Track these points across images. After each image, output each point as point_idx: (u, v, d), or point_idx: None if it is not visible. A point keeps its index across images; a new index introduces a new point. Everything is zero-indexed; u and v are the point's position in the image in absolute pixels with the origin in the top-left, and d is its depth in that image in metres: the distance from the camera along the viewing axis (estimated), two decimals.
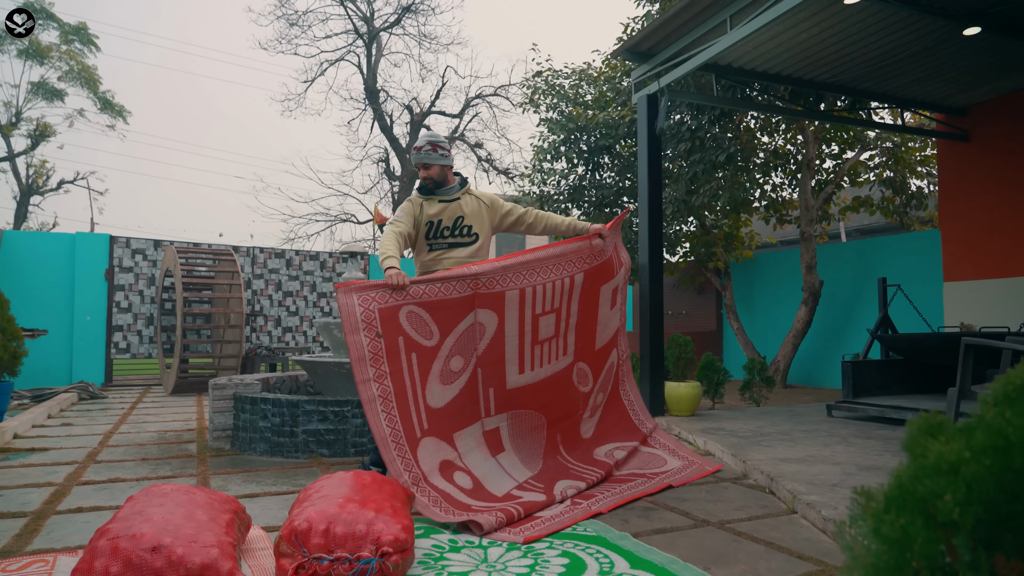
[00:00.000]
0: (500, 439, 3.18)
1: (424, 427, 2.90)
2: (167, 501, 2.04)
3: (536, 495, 2.88)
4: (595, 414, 3.60)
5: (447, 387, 3.02)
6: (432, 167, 3.33)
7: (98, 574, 1.73)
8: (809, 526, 2.63)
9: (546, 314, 3.25)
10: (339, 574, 1.91)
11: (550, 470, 3.20)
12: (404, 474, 2.75)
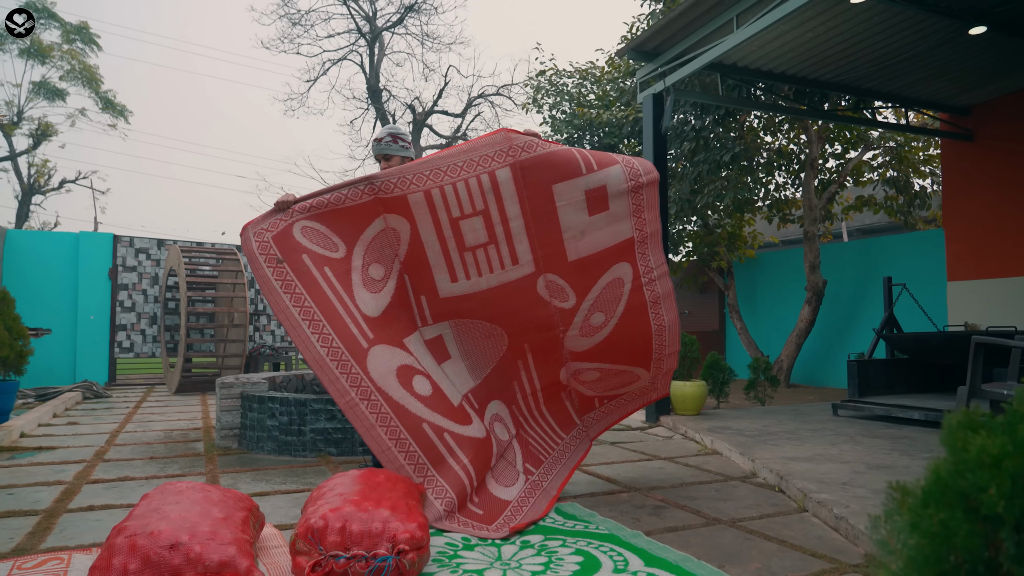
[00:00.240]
0: (445, 347, 3.06)
1: (369, 337, 2.79)
2: (183, 499, 2.04)
3: (473, 429, 2.86)
4: (594, 334, 3.11)
5: (377, 294, 2.90)
6: (392, 158, 3.30)
7: (117, 571, 1.73)
8: (821, 524, 2.63)
9: (467, 217, 2.91)
10: (356, 572, 1.92)
11: (490, 385, 3.10)
12: (350, 391, 2.65)
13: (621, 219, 2.96)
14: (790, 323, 9.11)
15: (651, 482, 3.35)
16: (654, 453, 4.15)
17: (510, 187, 2.90)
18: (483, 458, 2.84)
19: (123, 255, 8.73)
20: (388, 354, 2.82)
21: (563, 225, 2.95)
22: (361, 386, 2.68)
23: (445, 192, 2.89)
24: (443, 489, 2.66)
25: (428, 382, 2.86)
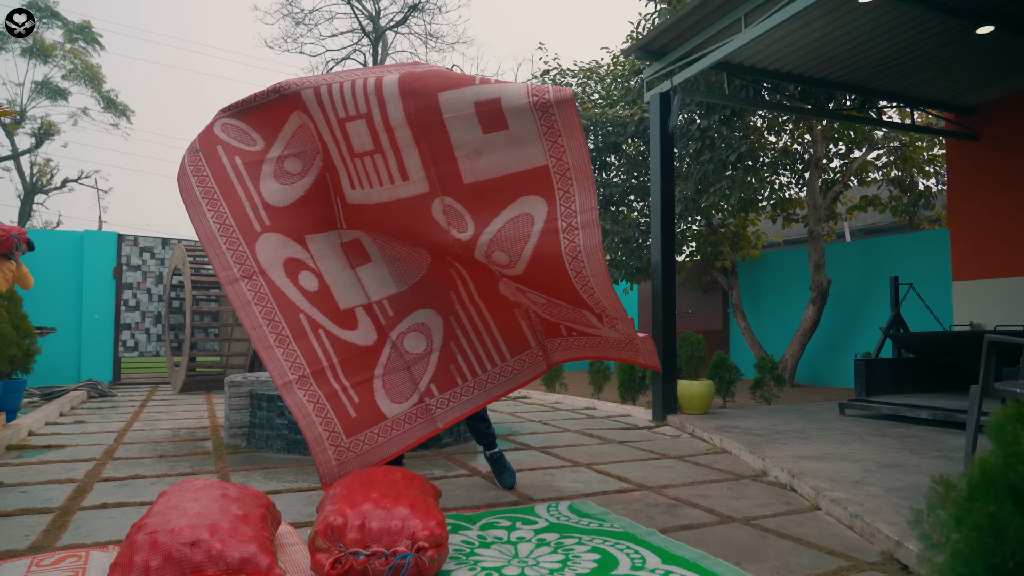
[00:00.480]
0: (364, 250, 2.97)
1: (264, 223, 2.78)
2: (201, 496, 2.05)
3: (357, 335, 2.79)
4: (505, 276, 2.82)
5: (287, 186, 2.87)
6: None
7: (138, 568, 1.73)
8: (835, 522, 2.63)
9: (352, 119, 2.71)
10: (375, 569, 1.92)
11: (418, 293, 2.98)
12: (234, 267, 2.65)
13: (527, 142, 2.50)
14: (794, 323, 9.11)
15: (662, 480, 3.36)
16: (663, 452, 4.15)
17: (393, 90, 2.62)
18: (361, 363, 2.76)
19: (127, 254, 8.73)
20: (280, 243, 2.80)
21: (453, 141, 2.59)
22: (245, 264, 2.69)
23: (332, 89, 2.75)
24: (300, 363, 2.64)
25: (316, 280, 2.81)
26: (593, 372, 6.75)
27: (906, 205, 8.66)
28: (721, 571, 2.06)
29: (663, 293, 5.40)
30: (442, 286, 3.02)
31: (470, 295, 3.04)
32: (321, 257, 2.87)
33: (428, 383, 2.90)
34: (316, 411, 2.60)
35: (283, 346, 2.64)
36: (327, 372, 2.69)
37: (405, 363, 2.88)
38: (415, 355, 2.90)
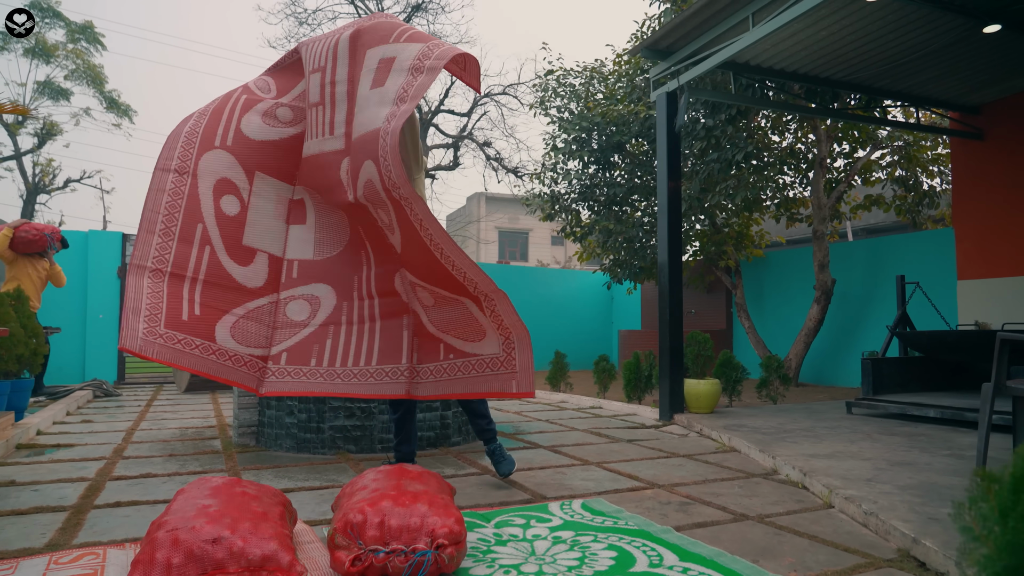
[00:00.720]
0: (305, 211, 2.93)
1: (227, 143, 2.80)
2: (220, 494, 2.05)
3: (242, 273, 2.76)
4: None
5: (268, 127, 2.91)
6: None
7: (160, 565, 1.73)
8: (849, 520, 2.64)
9: (314, 72, 2.85)
10: (395, 566, 1.92)
11: (330, 268, 2.90)
12: (175, 160, 2.69)
13: (385, 103, 2.48)
14: (797, 322, 9.11)
15: (673, 479, 3.36)
16: (672, 450, 4.15)
17: (345, 47, 2.71)
18: (226, 295, 2.71)
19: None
20: (227, 163, 2.81)
21: (359, 97, 2.61)
22: (185, 161, 2.73)
23: (312, 48, 2.86)
24: (166, 259, 2.62)
25: (238, 208, 2.79)
26: (599, 372, 6.76)
27: (910, 204, 8.66)
28: (739, 568, 2.07)
29: (670, 292, 5.40)
30: (351, 268, 2.91)
31: (369, 286, 2.88)
32: (259, 195, 2.85)
33: (281, 351, 2.78)
34: (149, 297, 2.54)
35: (164, 238, 2.63)
36: (186, 280, 2.63)
37: (274, 323, 2.79)
38: (289, 321, 2.80)
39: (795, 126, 8.54)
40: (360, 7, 12.34)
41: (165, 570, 1.72)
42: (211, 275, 2.70)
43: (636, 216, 9.24)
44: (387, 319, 2.83)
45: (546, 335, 12.09)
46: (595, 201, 9.28)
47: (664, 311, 5.43)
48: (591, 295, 12.95)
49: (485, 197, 30.63)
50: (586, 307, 12.86)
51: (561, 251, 32.51)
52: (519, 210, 30.85)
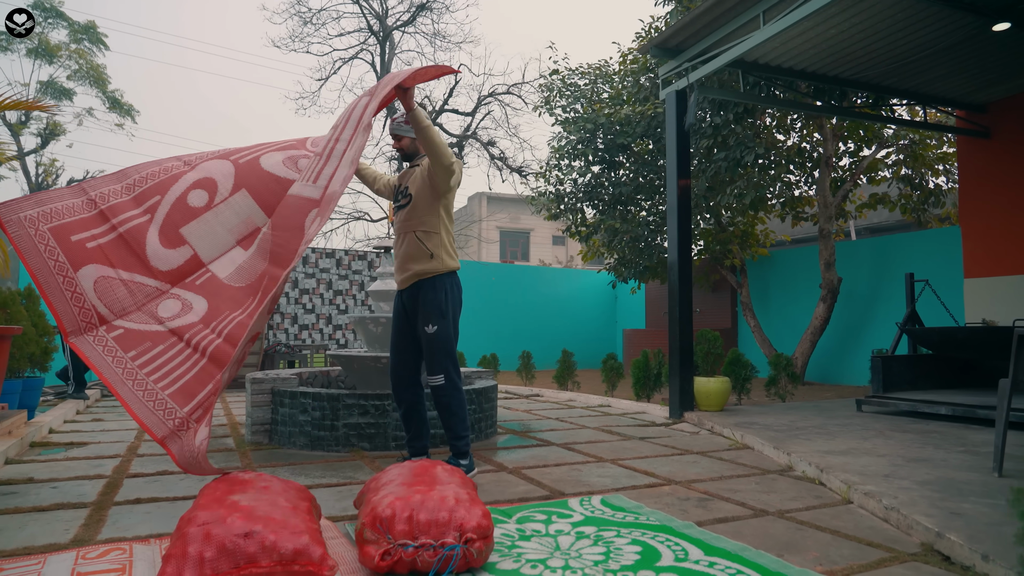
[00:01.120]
0: (256, 240, 2.91)
1: (239, 162, 2.95)
2: (248, 489, 2.05)
3: (153, 281, 2.71)
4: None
5: (280, 166, 3.08)
6: (403, 139, 3.44)
7: (192, 559, 1.74)
8: (869, 515, 2.64)
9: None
10: (424, 560, 1.93)
11: (225, 294, 2.78)
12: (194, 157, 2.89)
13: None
14: (802, 321, 9.12)
15: (689, 475, 3.36)
16: (685, 448, 4.16)
17: (359, 111, 2.92)
18: (124, 258, 2.65)
19: None
20: (225, 171, 2.91)
21: (343, 157, 2.86)
22: (196, 159, 2.90)
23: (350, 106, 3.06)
24: (108, 199, 2.69)
25: (203, 203, 2.83)
26: (607, 370, 6.76)
27: (916, 203, 8.67)
28: (764, 562, 2.07)
29: (680, 291, 5.41)
30: (232, 304, 2.74)
31: (228, 326, 2.67)
32: (230, 206, 2.87)
33: (121, 327, 2.61)
34: (62, 206, 2.62)
35: (121, 187, 2.74)
36: (105, 221, 2.67)
37: (140, 304, 2.67)
38: (153, 311, 2.67)
39: (800, 125, 8.54)
40: (365, 7, 12.36)
41: (198, 564, 1.73)
42: (129, 233, 2.66)
43: (641, 216, 9.24)
44: (211, 363, 2.60)
45: (550, 334, 12.10)
46: (599, 200, 9.29)
47: (674, 309, 5.44)
48: (595, 294, 12.95)
49: (487, 197, 30.62)
50: (590, 306, 12.86)
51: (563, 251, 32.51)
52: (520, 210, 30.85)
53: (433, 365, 3.28)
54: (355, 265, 10.38)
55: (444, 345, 3.27)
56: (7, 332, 4.16)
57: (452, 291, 3.35)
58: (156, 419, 2.41)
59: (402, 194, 3.43)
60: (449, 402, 3.27)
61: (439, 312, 3.28)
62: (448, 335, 3.29)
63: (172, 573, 1.72)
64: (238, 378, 8.41)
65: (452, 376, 3.28)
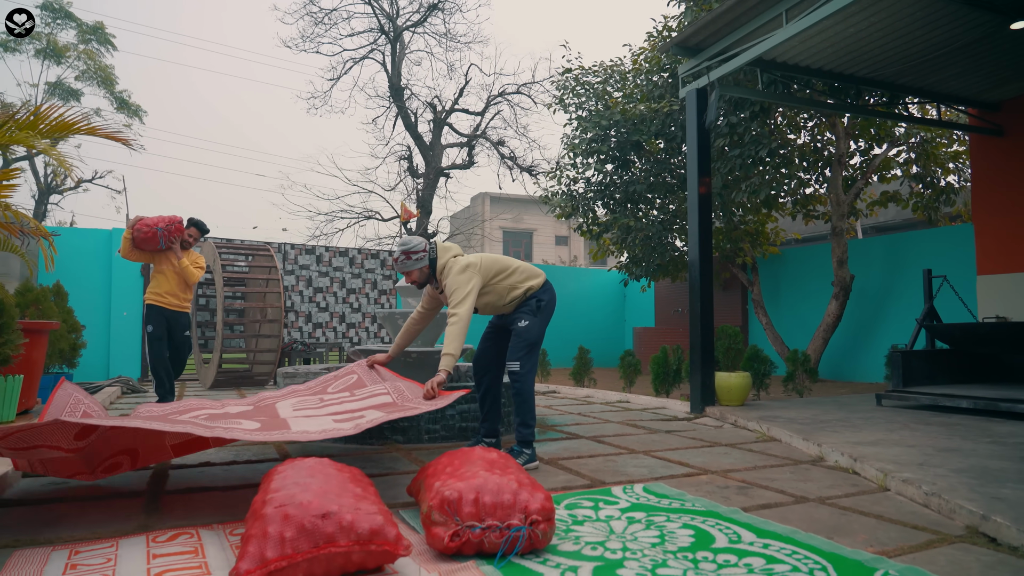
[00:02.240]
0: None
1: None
2: (316, 473, 2.11)
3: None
4: None
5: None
6: (412, 272, 3.49)
7: (273, 538, 1.79)
8: (908, 501, 2.70)
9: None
10: (491, 541, 1.99)
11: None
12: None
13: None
14: (813, 318, 9.18)
15: (723, 465, 3.42)
16: (713, 440, 4.22)
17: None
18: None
19: None
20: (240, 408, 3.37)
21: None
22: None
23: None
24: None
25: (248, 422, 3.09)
26: (624, 366, 6.82)
27: (928, 200, 8.73)
28: (817, 544, 2.13)
29: (700, 287, 5.47)
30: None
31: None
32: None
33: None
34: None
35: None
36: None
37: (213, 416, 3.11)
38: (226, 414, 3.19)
39: (812, 124, 8.61)
40: (376, 7, 12.41)
41: (279, 543, 1.79)
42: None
43: (653, 214, 9.30)
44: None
45: (561, 333, 12.15)
46: (611, 199, 9.34)
47: (695, 305, 5.50)
48: (604, 293, 13.01)
49: (490, 197, 30.68)
50: (599, 305, 12.92)
51: (566, 251, 32.56)
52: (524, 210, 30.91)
53: (515, 352, 3.45)
54: (368, 264, 10.44)
55: (529, 338, 3.45)
56: (45, 327, 4.23)
57: (546, 299, 3.57)
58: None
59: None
60: (521, 388, 3.42)
61: (532, 311, 3.50)
62: (535, 331, 3.47)
63: (254, 552, 1.78)
64: (257, 376, 8.48)
65: (527, 366, 3.43)
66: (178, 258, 5.04)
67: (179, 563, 1.97)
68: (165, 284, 5.04)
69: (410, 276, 3.50)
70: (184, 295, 5.14)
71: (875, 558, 2.00)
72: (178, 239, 5.05)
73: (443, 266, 3.47)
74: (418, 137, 12.91)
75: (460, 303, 3.29)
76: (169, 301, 5.04)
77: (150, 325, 4.93)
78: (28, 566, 1.92)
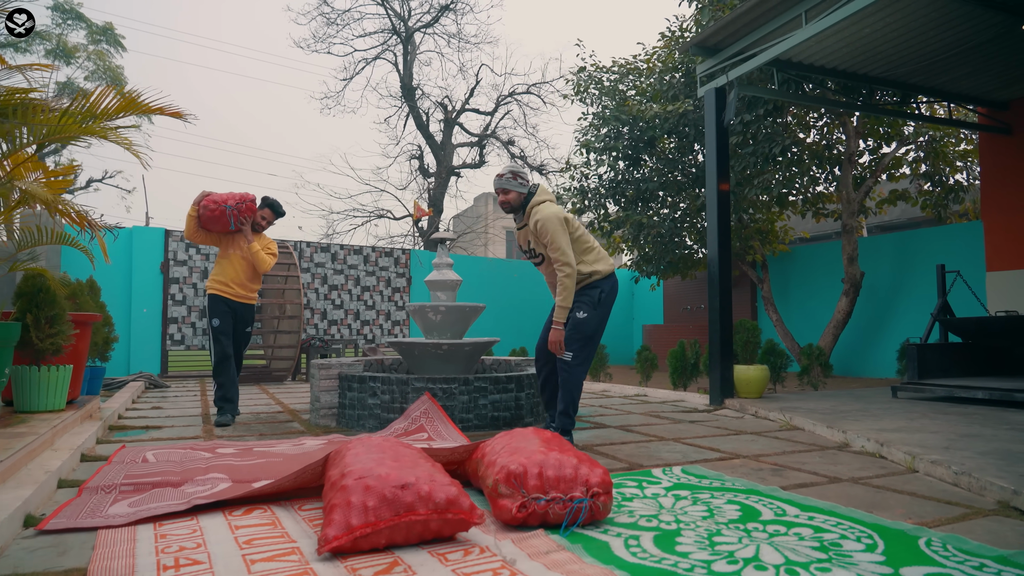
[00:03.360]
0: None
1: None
2: (386, 450, 2.23)
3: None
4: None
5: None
6: (510, 192, 3.68)
7: (357, 508, 1.91)
8: (938, 481, 2.82)
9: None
10: (555, 512, 2.11)
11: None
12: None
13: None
14: (823, 315, 9.30)
15: (753, 451, 3.55)
16: (738, 429, 4.34)
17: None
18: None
19: (174, 249, 8.92)
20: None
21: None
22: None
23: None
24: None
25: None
26: (641, 361, 6.94)
27: (937, 198, 8.85)
28: (859, 516, 2.25)
29: (720, 283, 5.59)
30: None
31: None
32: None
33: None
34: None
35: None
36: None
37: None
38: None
39: (822, 123, 8.73)
40: (387, 7, 12.54)
41: (362, 511, 1.91)
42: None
43: (664, 212, 9.42)
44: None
45: None
46: (623, 196, 9.47)
47: (714, 300, 5.62)
48: None
49: (492, 197, 30.77)
50: None
51: None
52: None
53: (570, 344, 3.58)
54: (382, 262, 10.56)
55: (586, 331, 3.58)
56: (90, 319, 4.35)
57: (607, 290, 3.68)
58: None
59: (531, 254, 3.78)
60: (570, 377, 3.56)
61: (592, 303, 3.63)
62: (592, 324, 3.60)
63: (340, 520, 1.90)
64: (275, 371, 8.59)
65: (579, 358, 3.57)
66: (248, 242, 4.51)
67: (262, 533, 2.08)
68: (231, 271, 4.53)
69: (507, 195, 3.68)
70: (252, 285, 4.62)
71: (916, 528, 2.12)
72: (249, 220, 4.54)
73: (538, 203, 3.64)
74: (429, 136, 13.05)
75: (566, 254, 3.51)
76: (235, 291, 4.53)
77: (215, 318, 4.44)
78: (119, 540, 2.03)
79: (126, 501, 2.48)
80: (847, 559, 1.83)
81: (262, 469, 2.94)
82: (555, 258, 3.54)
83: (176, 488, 2.66)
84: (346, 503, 1.94)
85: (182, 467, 3.02)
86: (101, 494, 2.57)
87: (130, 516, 2.25)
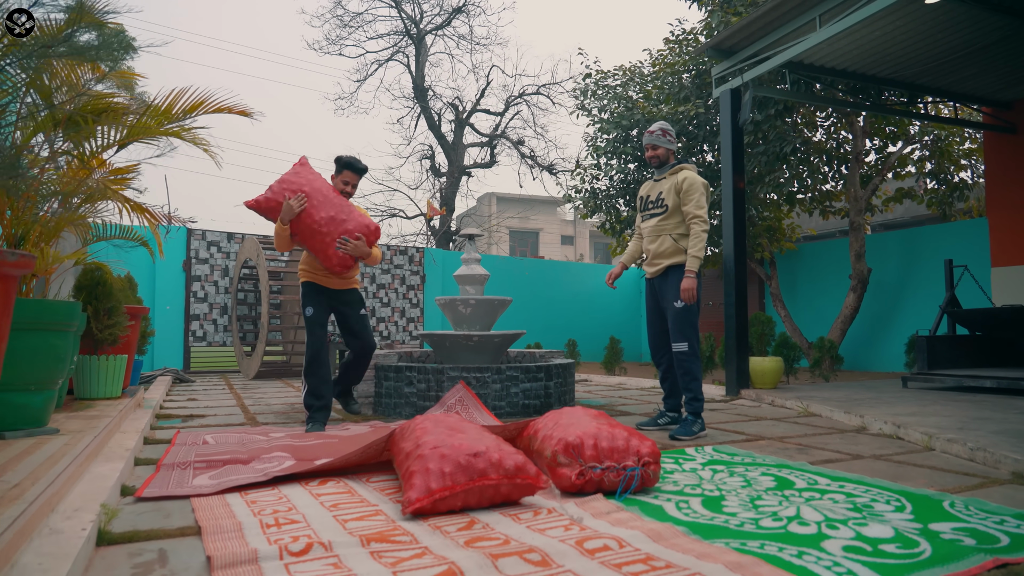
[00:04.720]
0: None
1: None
2: (453, 423, 2.43)
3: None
4: None
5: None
6: (659, 148, 3.95)
7: (435, 473, 2.11)
8: (954, 457, 3.02)
9: None
10: (610, 480, 2.31)
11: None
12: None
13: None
14: (830, 311, 9.50)
15: (776, 433, 3.75)
16: (757, 415, 4.54)
17: None
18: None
19: (196, 247, 9.12)
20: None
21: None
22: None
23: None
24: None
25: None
26: None
27: (943, 196, 9.05)
28: (886, 484, 2.45)
29: (735, 278, 5.79)
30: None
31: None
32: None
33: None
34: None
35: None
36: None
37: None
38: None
39: (830, 123, 8.93)
40: (401, 10, 12.74)
41: (440, 476, 2.11)
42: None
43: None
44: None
45: (578, 328, 12.47)
46: (633, 197, 9.67)
47: (730, 295, 5.82)
48: (622, 289, 13.33)
49: (496, 197, 31.00)
50: (616, 300, 13.24)
51: (571, 250, 32.89)
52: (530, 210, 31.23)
53: (677, 335, 3.78)
54: (396, 260, 10.76)
55: (688, 318, 3.78)
56: (140, 311, 4.55)
57: (698, 276, 3.89)
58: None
59: (655, 204, 3.96)
60: (690, 367, 3.76)
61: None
62: (692, 311, 3.80)
63: (420, 484, 2.10)
64: (295, 367, 8.79)
65: (693, 345, 3.79)
66: (363, 257, 3.91)
67: (343, 500, 2.28)
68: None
69: (656, 150, 3.95)
70: (349, 269, 3.91)
71: (939, 493, 2.32)
72: (351, 242, 3.84)
73: (688, 167, 3.90)
74: (441, 137, 13.26)
75: (703, 209, 3.77)
76: (329, 278, 3.97)
77: (308, 307, 3.91)
78: (215, 504, 2.22)
79: (205, 475, 2.68)
80: (879, 517, 2.03)
81: (322, 448, 3.14)
82: (695, 214, 3.75)
83: (246, 464, 2.85)
84: (425, 469, 2.14)
85: (246, 447, 3.22)
86: (178, 470, 2.77)
87: (215, 487, 2.45)
